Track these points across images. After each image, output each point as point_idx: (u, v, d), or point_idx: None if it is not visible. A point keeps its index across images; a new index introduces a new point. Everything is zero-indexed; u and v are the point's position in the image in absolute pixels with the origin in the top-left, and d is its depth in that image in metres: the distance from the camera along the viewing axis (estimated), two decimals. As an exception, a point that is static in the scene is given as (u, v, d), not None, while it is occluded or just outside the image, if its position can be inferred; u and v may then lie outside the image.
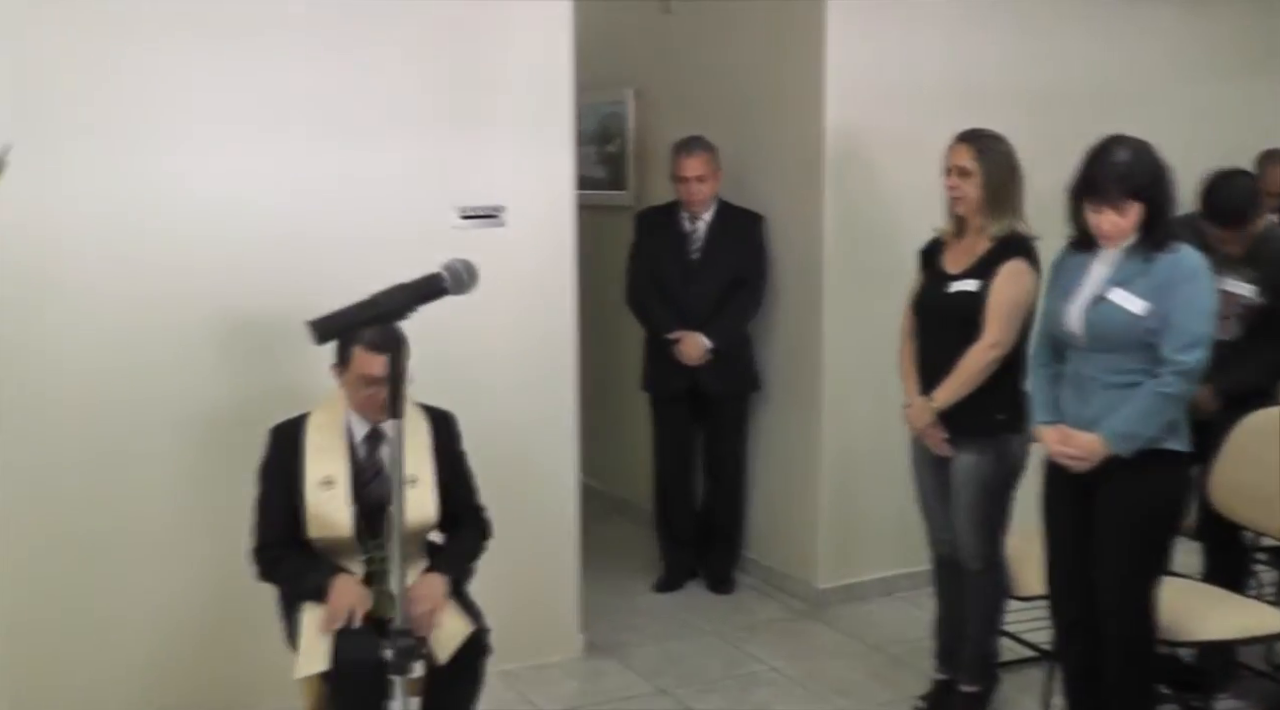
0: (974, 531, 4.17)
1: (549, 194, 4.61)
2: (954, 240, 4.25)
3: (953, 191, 4.15)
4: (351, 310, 2.72)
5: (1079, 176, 3.61)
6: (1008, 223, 4.12)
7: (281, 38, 4.12)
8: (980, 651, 4.32)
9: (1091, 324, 3.59)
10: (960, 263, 4.18)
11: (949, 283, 4.17)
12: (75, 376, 3.95)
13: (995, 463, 4.12)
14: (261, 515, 3.60)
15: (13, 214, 3.71)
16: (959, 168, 4.13)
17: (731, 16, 5.72)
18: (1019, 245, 4.10)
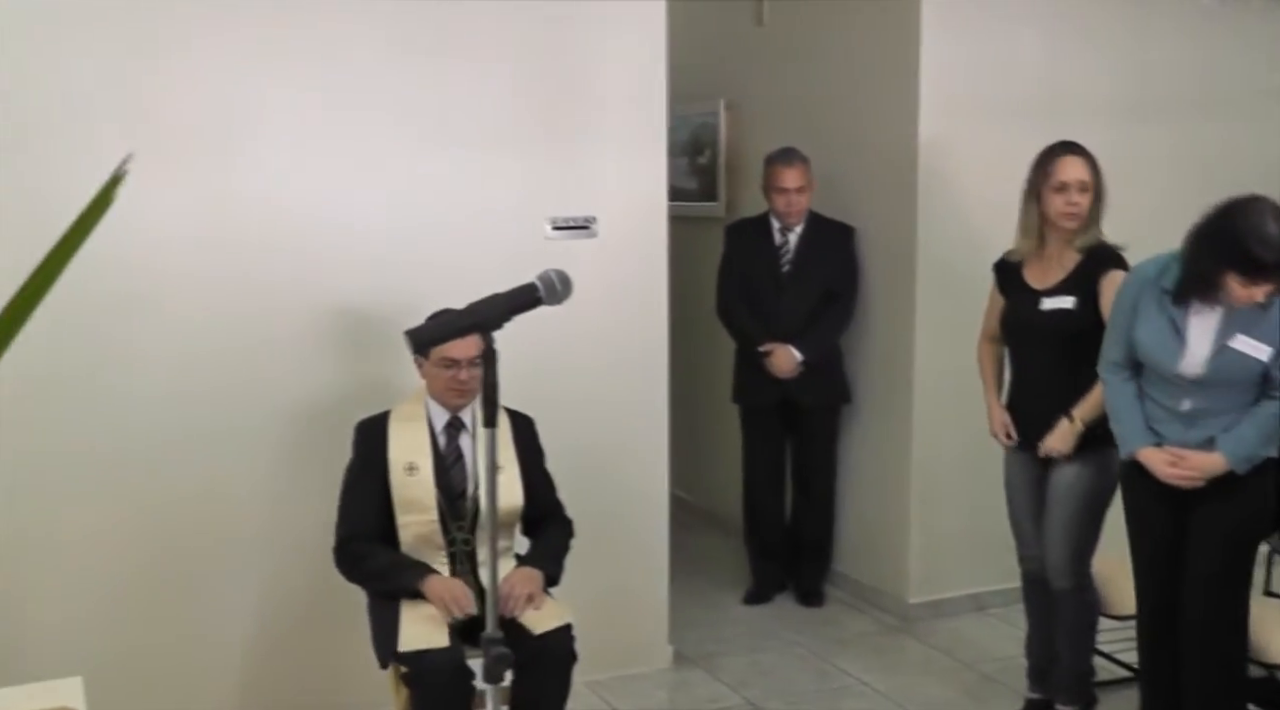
0: (1066, 547, 4.11)
1: (641, 205, 4.62)
2: (1033, 255, 4.19)
3: (1073, 207, 4.06)
4: (448, 319, 2.77)
5: (1234, 252, 3.40)
6: (1094, 233, 4.09)
7: (376, 52, 4.17)
8: (1074, 671, 4.25)
9: (1215, 370, 3.54)
10: (1048, 278, 4.13)
11: (1040, 299, 4.11)
12: (171, 379, 4.03)
13: (1096, 475, 4.05)
14: (346, 509, 3.68)
15: (119, 220, 3.78)
16: (1080, 182, 4.06)
17: (825, 28, 5.70)
18: (1112, 256, 4.05)
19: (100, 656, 3.91)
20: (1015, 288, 4.23)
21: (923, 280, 5.27)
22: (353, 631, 3.98)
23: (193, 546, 4.11)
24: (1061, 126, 5.37)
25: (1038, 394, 4.14)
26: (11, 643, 3.87)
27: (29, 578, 3.92)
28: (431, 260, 4.28)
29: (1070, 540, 4.10)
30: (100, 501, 3.98)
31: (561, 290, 2.78)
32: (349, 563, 3.64)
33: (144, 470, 4.02)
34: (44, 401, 3.77)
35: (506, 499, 3.53)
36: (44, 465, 3.89)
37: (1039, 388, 4.13)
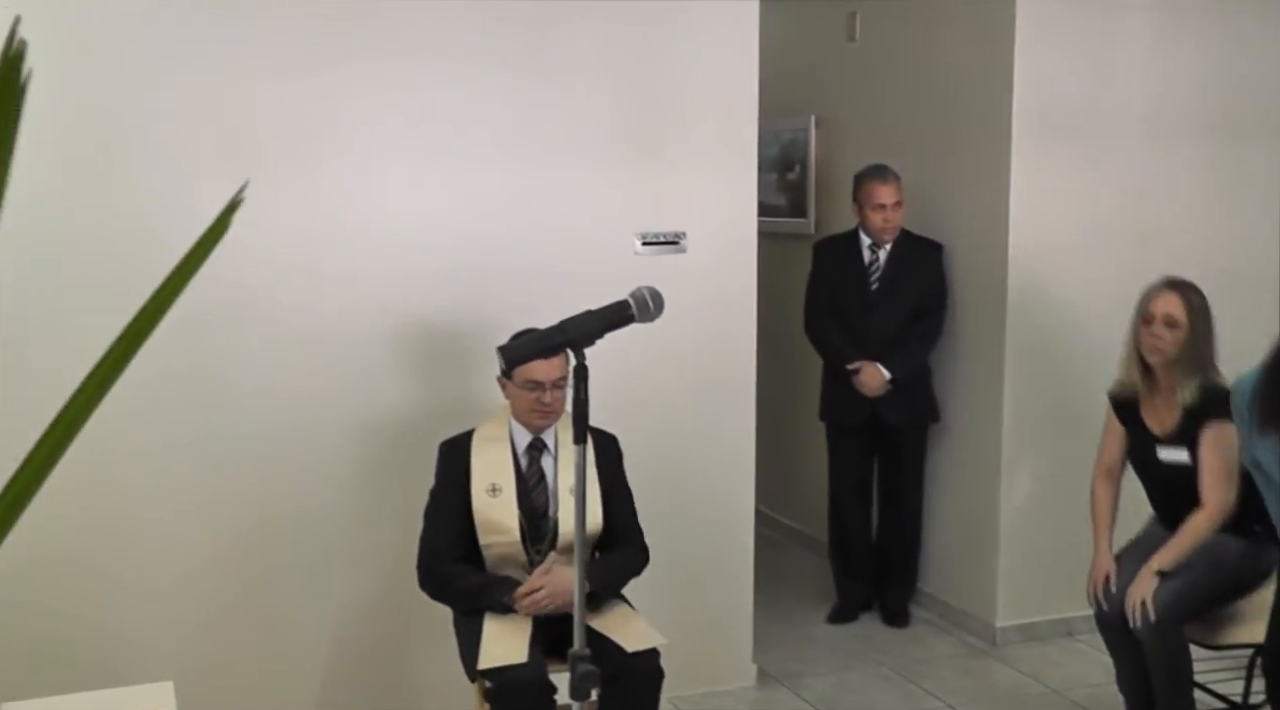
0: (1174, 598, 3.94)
1: (731, 221, 4.62)
2: (1146, 393, 4.14)
3: (1156, 341, 4.00)
4: (540, 336, 2.77)
5: None
6: (1201, 376, 3.99)
7: (467, 70, 4.21)
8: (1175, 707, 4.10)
9: None
10: (1163, 422, 4.09)
11: (1156, 447, 4.09)
12: (258, 394, 4.09)
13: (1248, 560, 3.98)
14: (431, 530, 3.71)
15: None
16: (1167, 316, 3.99)
17: (917, 43, 5.67)
18: (1216, 403, 3.85)
19: (190, 662, 3.98)
20: (1134, 425, 4.20)
21: (1013, 299, 5.21)
22: (436, 645, 4.03)
23: (281, 557, 4.17)
24: (1159, 142, 5.35)
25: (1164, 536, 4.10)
26: (104, 647, 3.94)
27: (122, 584, 3.99)
28: (520, 276, 4.30)
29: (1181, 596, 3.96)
30: (192, 511, 4.04)
31: (654, 308, 2.78)
32: (435, 583, 3.68)
33: (234, 482, 4.08)
34: (138, 417, 3.83)
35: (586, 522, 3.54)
36: (138, 477, 3.96)
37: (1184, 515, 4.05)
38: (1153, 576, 3.93)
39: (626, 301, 2.77)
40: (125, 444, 3.84)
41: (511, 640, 3.45)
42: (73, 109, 3.76)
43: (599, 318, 2.76)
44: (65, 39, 3.72)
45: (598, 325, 2.74)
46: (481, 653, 3.43)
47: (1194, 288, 4.07)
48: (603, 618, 3.53)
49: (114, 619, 3.99)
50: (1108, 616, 4.12)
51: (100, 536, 3.93)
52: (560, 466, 3.65)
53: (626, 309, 2.76)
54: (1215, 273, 5.41)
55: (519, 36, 4.26)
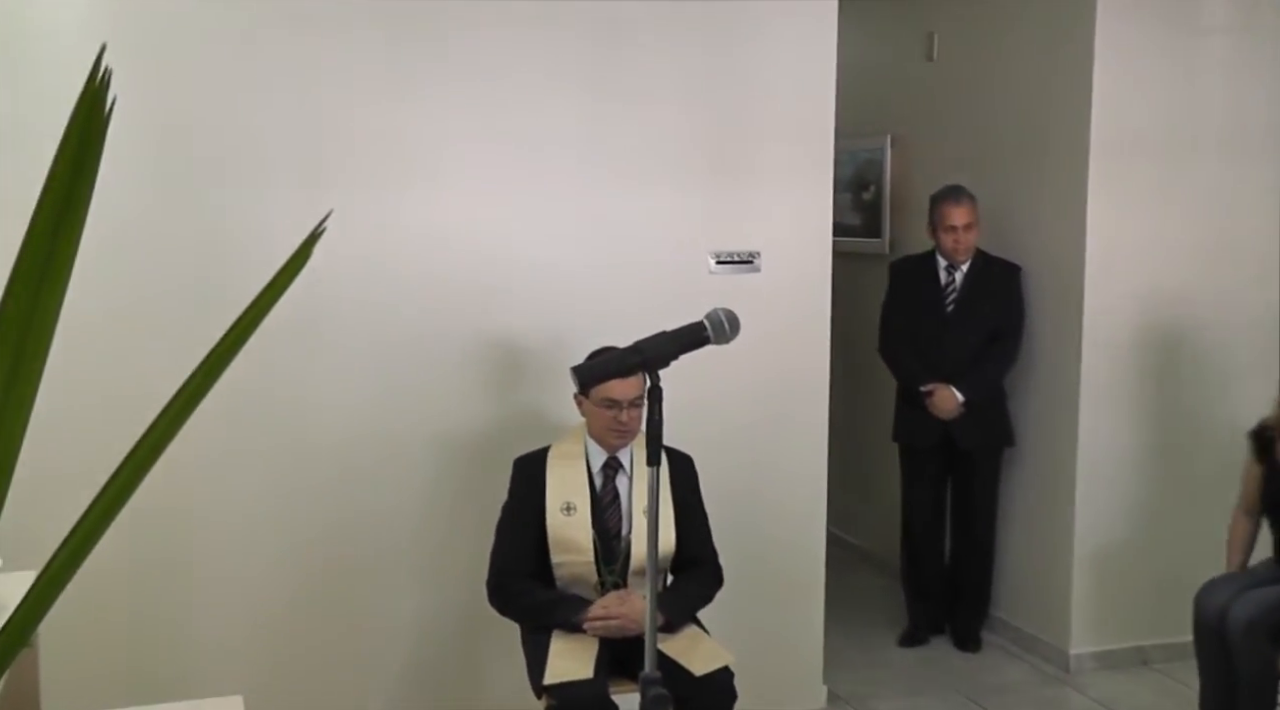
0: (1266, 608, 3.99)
1: (806, 241, 4.60)
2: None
3: None
4: (615, 357, 2.77)
5: None
6: None
7: (541, 88, 4.23)
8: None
9: None
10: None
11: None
12: (334, 407, 4.12)
13: None
14: (502, 546, 3.71)
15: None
16: None
17: (995, 63, 5.63)
18: None
19: (259, 676, 4.01)
20: (1271, 462, 4.24)
21: (1090, 322, 5.15)
22: (505, 661, 4.04)
23: (351, 571, 4.19)
24: (1236, 164, 5.28)
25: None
26: (175, 661, 3.99)
27: (193, 598, 4.03)
28: (594, 294, 4.31)
29: None
30: (264, 524, 4.08)
31: (730, 330, 2.77)
32: (505, 599, 3.68)
33: (305, 495, 4.11)
34: (213, 430, 3.86)
35: (660, 542, 3.52)
36: (210, 490, 4.00)
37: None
38: None
39: (702, 324, 2.76)
40: (199, 457, 3.88)
41: (577, 657, 3.45)
42: (159, 129, 3.82)
43: (674, 339, 2.75)
44: (151, 60, 3.78)
45: (673, 347, 2.74)
46: (547, 668, 3.44)
47: None
48: (672, 640, 3.51)
49: (184, 633, 4.03)
50: (1203, 623, 4.16)
51: (171, 549, 3.98)
52: (635, 486, 3.65)
53: (702, 330, 2.75)
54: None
55: (594, 56, 4.28)
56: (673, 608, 3.56)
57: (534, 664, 3.56)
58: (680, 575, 3.76)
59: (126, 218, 3.74)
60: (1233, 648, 4.03)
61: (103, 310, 3.72)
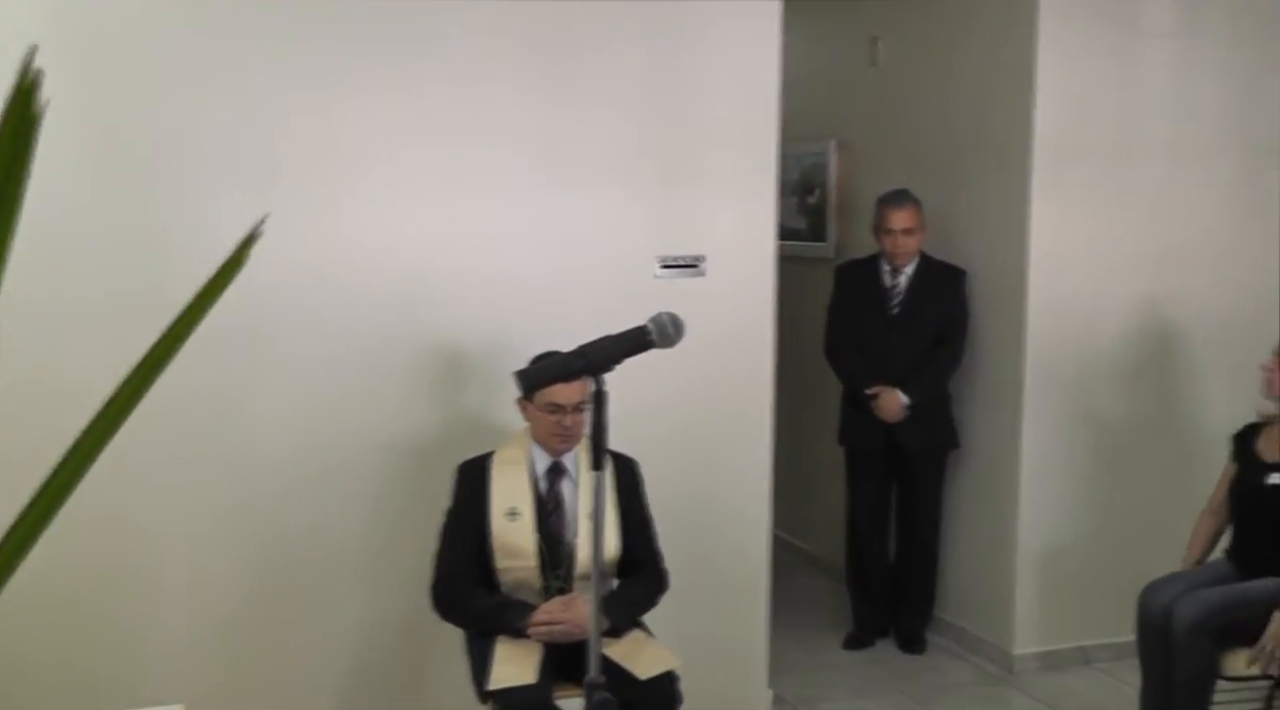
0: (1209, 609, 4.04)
1: (751, 244, 4.61)
2: (1271, 425, 4.26)
3: (1268, 374, 4.18)
4: (558, 361, 2.76)
5: None
6: None
7: (487, 93, 4.21)
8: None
9: None
10: (1276, 452, 4.21)
11: (1267, 473, 4.19)
12: (279, 412, 4.08)
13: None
14: (445, 551, 3.69)
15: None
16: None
17: (938, 69, 5.67)
18: None
19: (202, 684, 3.97)
20: (1247, 455, 4.31)
21: (1033, 325, 5.19)
22: (450, 666, 4.02)
23: (294, 578, 4.15)
24: (1179, 168, 5.34)
25: (1255, 565, 4.18)
26: (118, 669, 3.94)
27: (136, 605, 3.98)
28: (538, 298, 4.30)
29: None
30: (207, 531, 4.03)
31: (674, 334, 2.76)
32: (449, 605, 3.66)
33: (248, 501, 4.07)
34: (154, 437, 3.82)
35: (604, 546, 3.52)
36: (153, 497, 3.96)
37: (1258, 560, 4.18)
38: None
39: (646, 327, 2.75)
40: (141, 463, 3.84)
41: (521, 662, 3.44)
42: (93, 130, 3.78)
43: (618, 343, 2.75)
44: (86, 60, 3.74)
45: (617, 351, 2.73)
46: (491, 674, 3.42)
47: None
48: (616, 644, 3.51)
49: (127, 640, 3.97)
50: (1147, 622, 4.21)
51: (114, 557, 3.92)
52: (580, 491, 3.64)
53: (646, 335, 2.75)
54: (1235, 296, 5.43)
55: (540, 62, 4.27)
56: (617, 612, 3.54)
57: (478, 669, 3.54)
58: (625, 580, 3.74)
59: (64, 220, 3.69)
60: (1175, 647, 4.07)
61: (39, 314, 3.67)
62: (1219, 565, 4.32)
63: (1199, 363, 5.43)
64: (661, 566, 3.80)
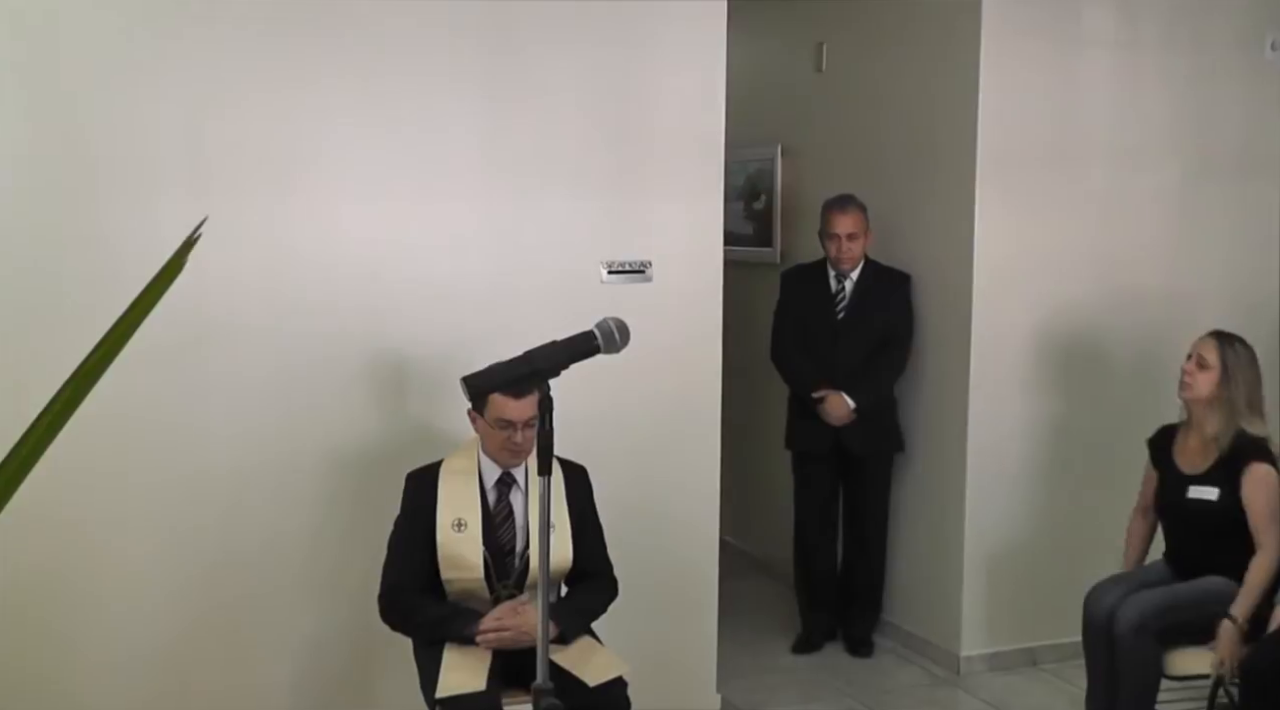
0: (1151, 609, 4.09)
1: (698, 250, 4.61)
2: (1183, 434, 4.34)
3: (1185, 377, 4.25)
4: (504, 367, 2.75)
5: None
6: (1236, 424, 4.18)
7: (432, 98, 4.20)
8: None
9: None
10: (1194, 463, 4.28)
11: (1187, 486, 4.25)
12: (225, 422, 4.04)
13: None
14: (393, 561, 3.66)
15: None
16: (1200, 358, 4.24)
17: (883, 75, 5.70)
18: (1256, 449, 4.15)
19: (154, 696, 3.93)
20: (1166, 464, 4.38)
21: (978, 329, 5.22)
22: (397, 677, 3.99)
23: (245, 589, 4.12)
24: (1122, 174, 5.39)
25: (1191, 571, 4.25)
26: (61, 684, 3.88)
27: (84, 618, 3.93)
28: (484, 304, 4.29)
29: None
30: (154, 544, 3.99)
31: (620, 339, 2.76)
32: (397, 615, 3.63)
33: (197, 514, 4.03)
34: (100, 450, 3.78)
35: (555, 558, 3.45)
36: (99, 511, 3.91)
37: (1192, 568, 4.25)
38: (1238, 630, 4.00)
39: (592, 333, 2.75)
40: (86, 477, 3.79)
41: (469, 669, 3.42)
42: (32, 131, 3.74)
43: (564, 349, 2.74)
44: (24, 62, 3.69)
45: (563, 356, 2.73)
46: (439, 681, 3.40)
47: (1239, 340, 4.27)
48: (565, 651, 3.50)
49: (77, 653, 3.92)
50: (1092, 624, 4.24)
51: (61, 570, 3.87)
52: (530, 501, 3.61)
53: (592, 340, 2.74)
54: (1177, 301, 5.50)
55: (486, 65, 4.25)
56: (566, 619, 3.53)
57: (426, 678, 3.52)
58: (575, 586, 3.73)
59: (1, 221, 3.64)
60: (1120, 648, 4.10)
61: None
62: (1159, 566, 4.36)
63: (1142, 366, 5.47)
64: (612, 574, 3.79)
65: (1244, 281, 5.61)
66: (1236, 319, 4.95)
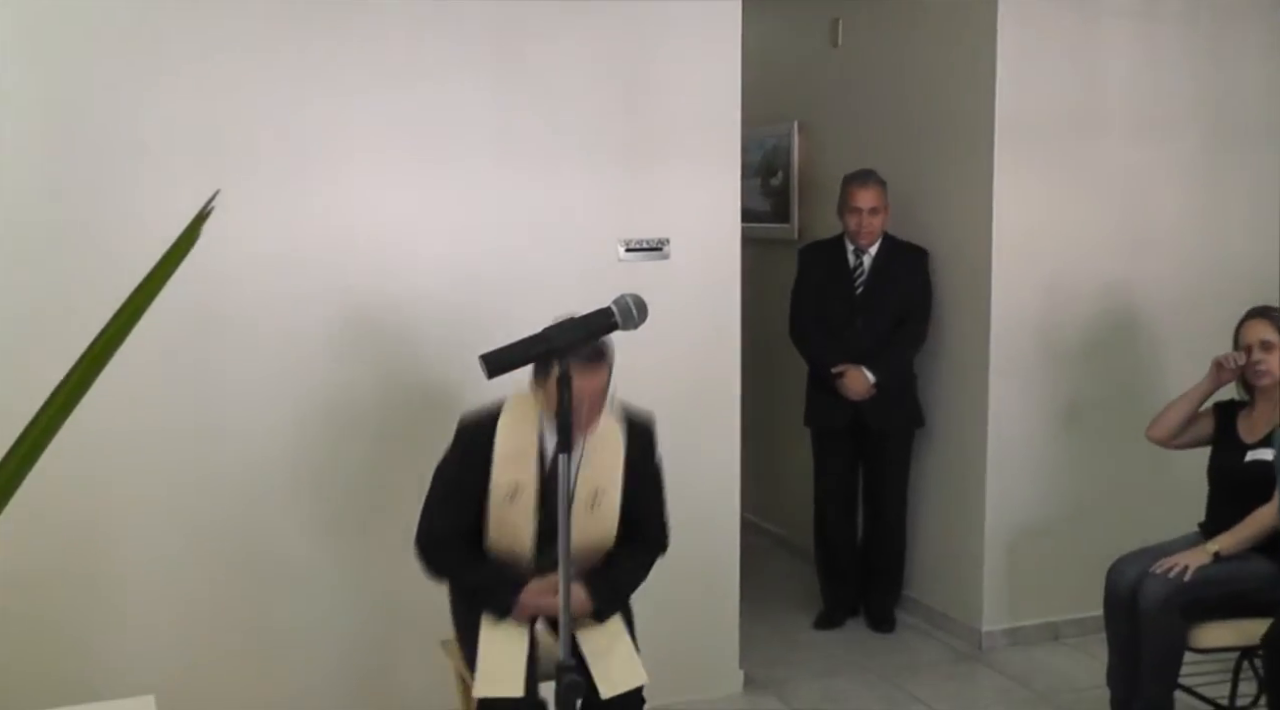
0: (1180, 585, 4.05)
1: (715, 227, 4.60)
2: (1248, 409, 4.35)
3: (1258, 365, 4.24)
4: (522, 344, 2.72)
5: None
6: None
7: (450, 75, 4.20)
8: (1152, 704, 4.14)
9: None
10: (1256, 432, 4.27)
11: (1245, 452, 4.26)
12: (244, 401, 4.07)
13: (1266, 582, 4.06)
14: (438, 506, 3.47)
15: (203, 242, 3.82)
16: (1262, 341, 4.23)
17: (900, 48, 5.66)
18: None
19: (172, 675, 3.94)
20: (1227, 432, 4.38)
21: (998, 303, 5.20)
22: (420, 653, 4.01)
23: (263, 566, 4.14)
24: (1143, 146, 5.35)
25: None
26: (85, 661, 3.91)
27: (102, 597, 3.96)
28: (503, 282, 4.28)
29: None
30: (173, 522, 4.02)
31: (637, 316, 2.74)
32: (436, 565, 3.47)
33: (216, 490, 4.06)
34: (115, 425, 3.80)
35: (599, 531, 3.43)
36: (120, 489, 3.94)
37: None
38: (1209, 554, 4.06)
39: (610, 309, 2.73)
40: (102, 454, 3.81)
41: (508, 668, 3.30)
42: (46, 115, 3.74)
43: (582, 326, 2.72)
44: (38, 44, 3.70)
45: (581, 333, 2.71)
46: (478, 675, 3.30)
47: (1276, 309, 4.32)
48: (591, 637, 3.40)
49: (95, 632, 3.95)
50: (1115, 597, 4.22)
51: (78, 548, 3.89)
52: (583, 470, 3.43)
53: (610, 316, 2.72)
54: (1199, 274, 5.47)
55: (502, 43, 4.24)
56: (602, 598, 3.42)
57: (465, 641, 3.45)
58: (616, 554, 3.53)
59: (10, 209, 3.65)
60: (1143, 622, 4.07)
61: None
62: (1189, 538, 4.33)
63: (1164, 340, 5.45)
64: (662, 535, 3.63)
65: (1266, 251, 5.57)
66: (1259, 290, 4.92)
